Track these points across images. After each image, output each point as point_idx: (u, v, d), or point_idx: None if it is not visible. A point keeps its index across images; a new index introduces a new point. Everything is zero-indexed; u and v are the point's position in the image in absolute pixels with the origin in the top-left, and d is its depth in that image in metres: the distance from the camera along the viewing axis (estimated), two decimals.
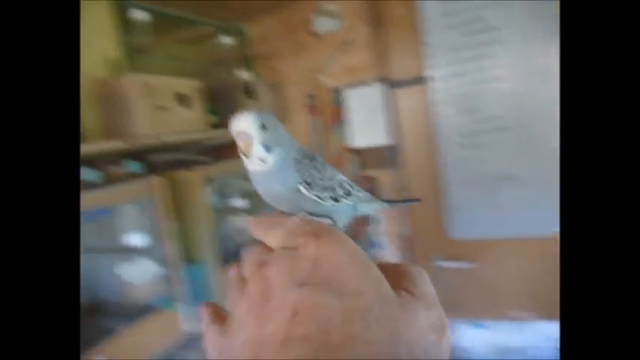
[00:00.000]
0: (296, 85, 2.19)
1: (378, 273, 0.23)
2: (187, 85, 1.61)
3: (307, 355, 0.18)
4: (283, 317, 0.20)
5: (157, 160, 1.56)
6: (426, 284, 0.25)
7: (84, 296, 1.50)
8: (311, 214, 0.29)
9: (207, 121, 1.75)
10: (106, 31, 1.57)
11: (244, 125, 0.27)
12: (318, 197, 0.29)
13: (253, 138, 0.28)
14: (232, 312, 0.25)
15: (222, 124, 1.85)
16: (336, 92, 2.06)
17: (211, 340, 0.25)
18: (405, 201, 1.37)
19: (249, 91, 1.95)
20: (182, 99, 1.57)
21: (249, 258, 0.27)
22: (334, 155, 2.07)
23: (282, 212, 0.30)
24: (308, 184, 0.29)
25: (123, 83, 1.40)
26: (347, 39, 1.98)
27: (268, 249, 0.27)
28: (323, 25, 2.01)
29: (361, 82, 1.99)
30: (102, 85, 1.47)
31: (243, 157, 0.29)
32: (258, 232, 0.28)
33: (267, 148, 0.28)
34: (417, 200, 0.44)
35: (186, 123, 1.60)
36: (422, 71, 1.91)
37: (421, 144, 1.99)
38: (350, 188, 0.31)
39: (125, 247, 1.41)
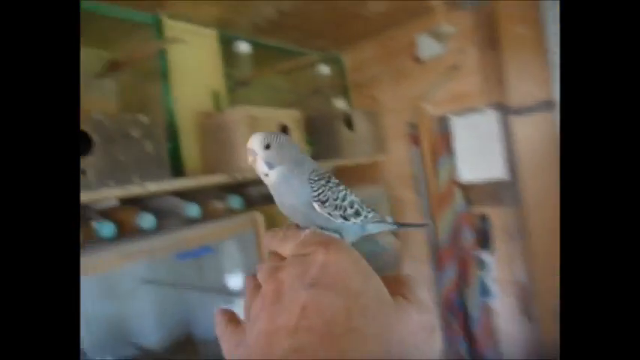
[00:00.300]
0: (396, 114, 2.06)
1: (378, 280, 0.26)
2: (289, 116, 1.55)
3: (313, 343, 0.21)
4: (293, 312, 0.23)
5: (257, 194, 1.50)
6: (420, 291, 0.28)
7: (179, 331, 1.45)
8: (322, 228, 0.32)
9: (306, 152, 1.67)
10: (212, 65, 1.57)
11: (252, 144, 0.31)
12: (330, 215, 0.31)
13: (257, 155, 0.31)
14: (247, 313, 0.28)
15: (320, 154, 1.76)
16: (442, 121, 1.89)
17: (227, 340, 0.28)
18: (414, 225, 1.16)
19: (347, 121, 1.86)
20: (283, 130, 1.51)
21: (264, 266, 0.29)
22: (439, 189, 1.88)
23: (297, 225, 0.33)
24: (322, 202, 0.31)
25: (227, 116, 1.37)
26: (455, 63, 1.82)
27: (282, 258, 0.30)
28: (428, 49, 1.87)
29: (471, 110, 1.80)
30: (205, 117, 1.46)
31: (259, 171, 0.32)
32: (272, 244, 0.31)
33: (270, 165, 0.31)
34: (426, 225, 0.43)
35: None
36: (545, 96, 1.67)
37: (542, 179, 1.72)
38: (360, 209, 0.34)
39: (224, 287, 1.35)
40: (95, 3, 1.27)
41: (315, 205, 0.31)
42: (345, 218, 0.32)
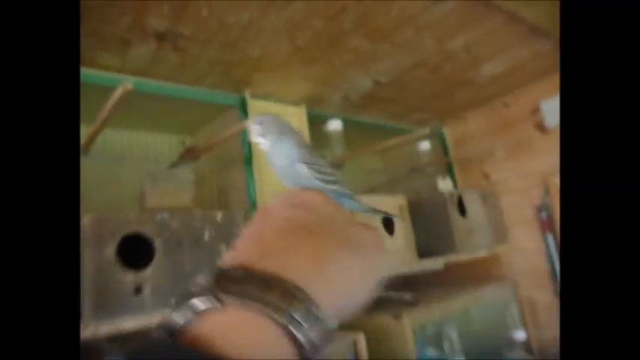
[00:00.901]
0: (518, 194, 1.67)
1: (346, 211, 0.32)
2: (393, 203, 1.26)
3: (293, 241, 0.26)
4: (279, 219, 0.28)
5: None
6: (375, 225, 0.48)
7: None
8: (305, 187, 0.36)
9: (412, 247, 1.33)
10: None
11: (249, 123, 0.38)
12: (314, 177, 0.35)
13: (253, 129, 0.38)
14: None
15: (432, 248, 1.41)
16: None
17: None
18: (384, 213, 0.87)
19: (459, 205, 1.51)
20: (388, 223, 1.21)
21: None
22: None
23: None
24: (308, 164, 0.36)
25: None
26: None
27: None
28: (556, 115, 1.52)
29: None
30: None
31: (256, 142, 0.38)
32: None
33: (263, 136, 0.38)
34: (396, 216, 0.50)
35: (391, 252, 1.21)
36: None
37: None
38: (337, 180, 0.37)
39: None
40: (175, 86, 1.15)
41: (303, 165, 0.35)
42: (325, 182, 0.36)
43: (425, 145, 1.78)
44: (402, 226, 1.29)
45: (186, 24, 0.93)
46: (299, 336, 0.20)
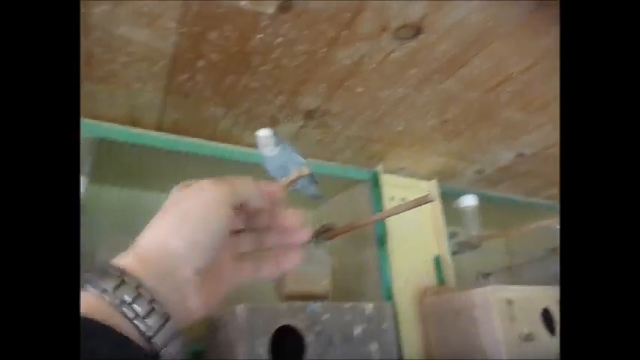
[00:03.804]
0: None
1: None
2: (549, 297, 1.06)
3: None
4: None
5: None
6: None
7: None
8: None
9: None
10: (434, 224, 1.25)
11: (264, 133, 0.54)
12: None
13: (270, 139, 0.53)
14: None
15: None
16: None
17: None
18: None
19: None
20: (547, 319, 1.01)
21: None
22: None
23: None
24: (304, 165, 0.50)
25: (472, 297, 0.96)
26: None
27: None
28: None
29: None
30: (435, 296, 1.08)
31: (263, 150, 0.51)
32: None
33: (276, 144, 0.55)
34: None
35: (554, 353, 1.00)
36: None
37: None
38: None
39: None
40: (311, 161, 1.13)
41: (297, 161, 0.50)
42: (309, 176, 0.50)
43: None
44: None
45: (337, 101, 0.90)
46: (127, 312, 0.22)
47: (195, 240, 0.26)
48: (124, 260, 0.24)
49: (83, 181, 0.83)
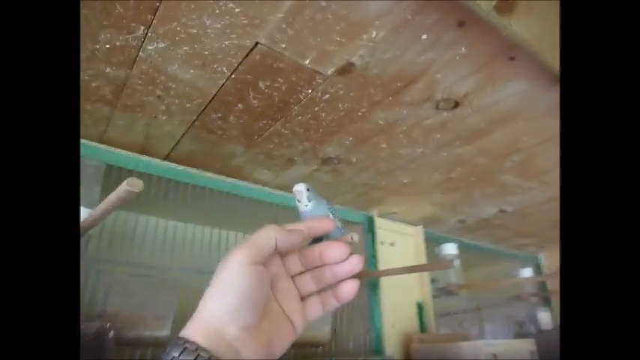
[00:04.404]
0: None
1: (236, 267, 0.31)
2: (525, 346, 1.14)
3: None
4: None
5: None
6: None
7: None
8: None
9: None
10: (421, 275, 1.29)
11: (299, 188, 0.46)
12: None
13: (303, 194, 0.45)
14: None
15: None
16: None
17: None
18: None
19: None
20: None
21: None
22: None
23: None
24: (333, 214, 0.45)
25: (463, 347, 1.00)
26: None
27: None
28: None
29: None
30: (422, 344, 1.11)
31: (298, 204, 0.45)
32: None
33: (309, 199, 0.46)
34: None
35: None
36: None
37: None
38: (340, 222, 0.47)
39: None
40: None
41: (330, 214, 0.45)
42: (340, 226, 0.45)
43: (527, 272, 1.67)
44: None
45: (358, 152, 0.92)
46: None
47: (229, 302, 0.29)
48: (187, 330, 0.29)
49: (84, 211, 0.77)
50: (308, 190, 0.54)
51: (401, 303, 1.21)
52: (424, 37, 0.59)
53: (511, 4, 0.50)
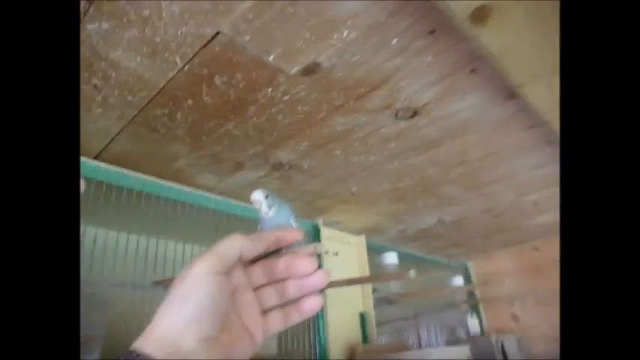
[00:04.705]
0: (555, 342, 1.64)
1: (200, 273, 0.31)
2: (460, 353, 1.17)
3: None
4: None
5: None
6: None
7: None
8: None
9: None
10: (364, 285, 1.28)
11: (257, 197, 0.45)
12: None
13: (263, 204, 0.45)
14: None
15: None
16: None
17: None
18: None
19: (503, 351, 1.45)
20: None
21: None
22: None
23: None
24: (295, 219, 0.47)
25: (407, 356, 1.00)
26: None
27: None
28: None
29: None
30: (364, 355, 1.10)
31: (259, 211, 0.45)
32: None
33: (270, 206, 0.46)
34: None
35: None
36: None
37: None
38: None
39: None
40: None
41: (292, 221, 0.46)
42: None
43: (458, 280, 1.74)
44: None
45: (311, 158, 0.88)
46: None
47: (188, 313, 0.28)
48: (140, 343, 0.27)
49: None
50: (267, 197, 0.50)
51: (344, 314, 1.19)
52: (394, 41, 0.57)
53: (486, 14, 0.50)
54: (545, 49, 0.57)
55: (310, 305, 0.34)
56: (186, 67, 0.59)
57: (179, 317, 0.28)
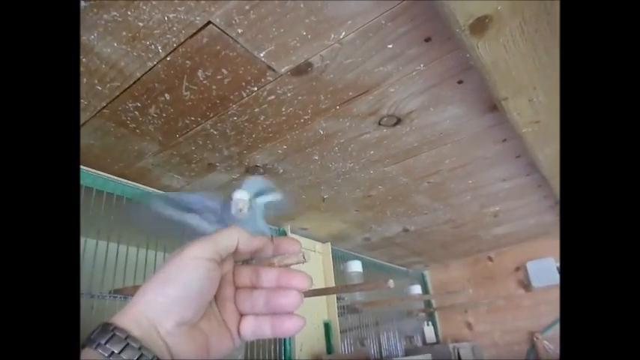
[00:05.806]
0: (503, 348, 1.70)
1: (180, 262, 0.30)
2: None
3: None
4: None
5: None
6: None
7: None
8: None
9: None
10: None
11: (243, 197, 0.41)
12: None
13: (246, 205, 0.40)
14: None
15: None
16: None
17: None
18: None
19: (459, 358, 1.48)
20: None
21: None
22: None
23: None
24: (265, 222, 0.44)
25: None
26: None
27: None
28: (543, 278, 1.65)
29: None
30: None
31: (233, 211, 0.40)
32: None
33: (248, 209, 0.42)
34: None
35: None
36: None
37: None
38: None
39: None
40: None
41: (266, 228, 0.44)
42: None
43: (416, 289, 1.77)
44: None
45: (289, 163, 0.85)
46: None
47: (170, 293, 0.28)
48: (117, 318, 0.27)
49: None
50: (250, 200, 0.47)
51: (309, 323, 1.16)
52: (390, 46, 0.56)
53: (485, 26, 0.50)
54: (534, 63, 0.58)
55: (292, 325, 0.32)
56: (168, 58, 0.55)
57: (162, 297, 0.28)
